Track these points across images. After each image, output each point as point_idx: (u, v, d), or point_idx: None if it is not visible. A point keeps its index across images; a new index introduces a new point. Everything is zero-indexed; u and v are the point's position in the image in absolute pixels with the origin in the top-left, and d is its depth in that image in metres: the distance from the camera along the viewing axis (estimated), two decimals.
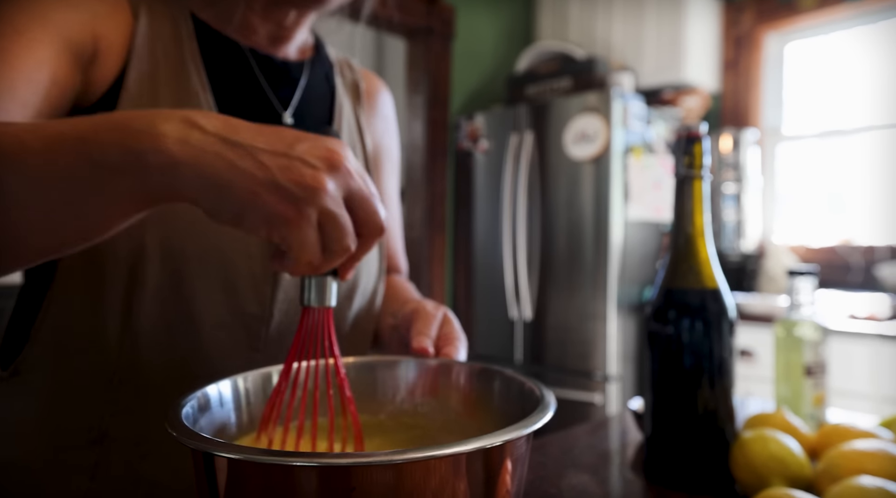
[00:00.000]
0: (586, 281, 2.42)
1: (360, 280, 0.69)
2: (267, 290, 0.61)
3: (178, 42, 0.59)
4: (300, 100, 0.67)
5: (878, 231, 2.62)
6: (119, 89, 0.56)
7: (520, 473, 0.40)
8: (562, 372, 2.49)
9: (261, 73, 0.64)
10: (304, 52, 0.71)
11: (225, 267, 0.59)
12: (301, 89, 0.67)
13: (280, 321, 0.63)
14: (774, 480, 0.57)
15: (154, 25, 0.58)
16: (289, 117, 0.65)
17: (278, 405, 0.46)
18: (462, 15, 3.01)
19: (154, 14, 0.59)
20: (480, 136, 2.79)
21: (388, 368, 0.54)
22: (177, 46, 0.59)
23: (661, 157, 2.48)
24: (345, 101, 0.72)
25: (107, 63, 0.55)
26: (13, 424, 0.59)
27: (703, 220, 0.65)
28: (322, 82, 0.71)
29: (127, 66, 0.56)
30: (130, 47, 0.56)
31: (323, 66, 0.72)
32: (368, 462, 0.32)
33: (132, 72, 0.56)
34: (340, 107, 0.71)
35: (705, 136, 0.65)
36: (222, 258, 0.59)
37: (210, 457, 0.35)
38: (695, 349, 0.62)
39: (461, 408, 0.52)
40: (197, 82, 0.59)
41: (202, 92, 0.59)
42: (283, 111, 0.65)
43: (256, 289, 0.60)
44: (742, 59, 2.92)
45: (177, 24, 0.60)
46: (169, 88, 0.57)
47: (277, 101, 0.65)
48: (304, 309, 0.44)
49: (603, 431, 0.84)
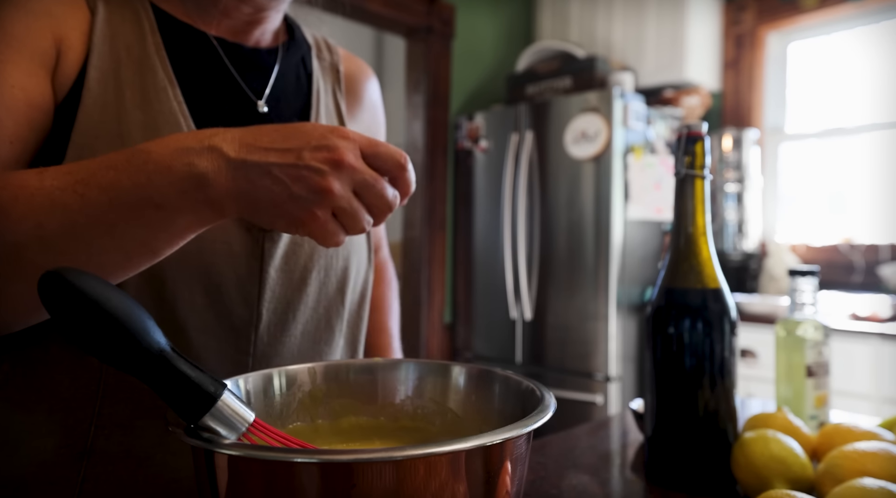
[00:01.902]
0: (587, 281, 2.42)
1: (350, 272, 0.68)
2: (253, 290, 0.59)
3: (141, 36, 0.57)
4: (273, 87, 0.65)
5: (880, 230, 2.62)
6: (80, 90, 0.54)
7: (520, 473, 0.40)
8: (562, 372, 2.49)
9: (230, 63, 0.62)
10: (277, 36, 0.69)
11: (206, 269, 0.57)
12: (274, 76, 0.65)
13: (269, 321, 0.60)
14: (776, 481, 0.56)
15: (113, 20, 0.56)
16: (264, 106, 0.63)
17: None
18: (462, 14, 3.01)
19: (111, 7, 0.56)
20: (480, 136, 2.79)
21: (388, 370, 0.54)
22: (139, 41, 0.57)
23: (662, 156, 2.48)
24: (322, 86, 0.70)
25: (67, 63, 0.54)
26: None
27: (704, 220, 0.65)
28: (297, 67, 0.68)
29: (87, 65, 0.54)
30: (89, 45, 0.54)
31: (298, 50, 0.69)
32: (369, 459, 0.32)
33: (92, 71, 0.54)
34: (318, 92, 0.69)
35: (706, 136, 0.64)
36: (202, 260, 0.56)
37: (210, 454, 0.35)
38: (696, 349, 0.62)
39: (461, 410, 0.52)
40: (164, 77, 0.57)
41: (170, 87, 0.57)
42: (257, 101, 0.63)
43: (242, 290, 0.58)
44: (743, 59, 2.91)
45: (138, 17, 0.57)
46: (134, 87, 0.55)
47: (250, 90, 0.63)
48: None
49: (603, 432, 0.84)
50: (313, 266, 0.63)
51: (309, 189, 0.42)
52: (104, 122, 0.53)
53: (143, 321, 0.36)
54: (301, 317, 0.63)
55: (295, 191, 0.42)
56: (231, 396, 0.38)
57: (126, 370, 0.36)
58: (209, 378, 0.37)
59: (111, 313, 0.35)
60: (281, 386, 0.50)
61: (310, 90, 0.68)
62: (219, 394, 0.37)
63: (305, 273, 0.62)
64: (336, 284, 0.65)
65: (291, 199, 0.42)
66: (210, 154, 0.42)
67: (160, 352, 0.36)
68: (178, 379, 0.36)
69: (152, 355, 0.36)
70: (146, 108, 0.55)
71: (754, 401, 0.97)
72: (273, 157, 0.42)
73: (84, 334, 0.35)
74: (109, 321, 0.35)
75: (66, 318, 0.35)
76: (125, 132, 0.54)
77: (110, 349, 0.35)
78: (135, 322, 0.36)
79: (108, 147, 0.52)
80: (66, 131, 0.53)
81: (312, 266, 0.63)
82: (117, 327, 0.35)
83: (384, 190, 0.44)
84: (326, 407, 0.52)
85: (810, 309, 0.77)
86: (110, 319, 0.35)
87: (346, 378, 0.53)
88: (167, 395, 0.37)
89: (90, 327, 0.35)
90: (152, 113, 0.55)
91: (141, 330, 0.36)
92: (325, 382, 0.52)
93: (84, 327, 0.35)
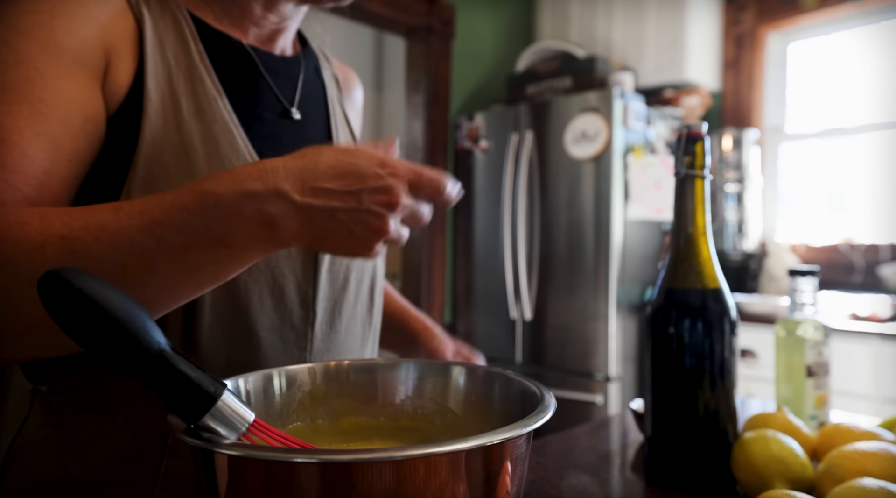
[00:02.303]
0: (587, 281, 2.42)
1: (377, 273, 0.72)
2: (309, 291, 0.63)
3: (184, 44, 0.58)
4: (301, 94, 0.68)
5: (880, 230, 2.62)
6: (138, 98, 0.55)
7: (520, 473, 0.40)
8: (562, 372, 2.49)
9: (266, 71, 0.64)
10: (294, 46, 0.72)
11: (272, 271, 0.60)
12: (301, 83, 0.68)
13: (322, 320, 0.65)
14: (776, 481, 0.56)
15: (158, 28, 0.57)
16: (297, 113, 0.66)
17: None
18: (462, 14, 3.01)
19: (154, 14, 0.57)
20: (480, 136, 2.79)
21: (388, 370, 0.54)
22: (184, 49, 0.58)
23: (662, 156, 2.48)
24: (333, 95, 0.74)
25: (118, 72, 0.54)
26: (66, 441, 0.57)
27: (704, 220, 0.65)
28: (314, 76, 0.72)
29: (144, 75, 0.55)
30: (141, 53, 0.55)
31: (313, 60, 0.73)
32: (369, 459, 0.32)
33: (150, 81, 0.55)
34: (332, 100, 0.73)
35: (706, 136, 0.64)
36: (268, 263, 0.60)
37: (210, 454, 0.35)
38: (696, 350, 0.62)
39: (461, 410, 0.52)
40: (212, 87, 0.58)
41: (219, 97, 0.58)
42: (290, 108, 0.66)
43: (300, 290, 0.62)
44: (743, 59, 2.91)
45: (178, 25, 0.59)
46: (188, 97, 0.57)
47: (282, 96, 0.66)
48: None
49: (603, 432, 0.84)
50: (352, 268, 0.68)
51: (368, 229, 0.46)
52: (167, 133, 0.54)
53: (143, 321, 0.36)
54: (345, 314, 0.67)
55: (356, 232, 0.46)
56: (231, 396, 0.38)
57: (126, 371, 0.36)
58: (209, 378, 0.37)
59: (111, 313, 0.35)
60: (281, 386, 0.50)
61: (325, 97, 0.72)
62: (219, 394, 0.37)
63: (347, 273, 0.67)
64: (368, 284, 0.71)
65: (352, 237, 0.46)
66: (277, 199, 0.44)
67: (160, 352, 0.36)
68: (178, 379, 0.36)
69: (152, 355, 0.36)
70: (201, 117, 0.57)
71: (754, 401, 0.97)
72: (336, 202, 0.45)
73: (84, 334, 0.35)
74: (109, 321, 0.35)
75: (66, 318, 0.35)
76: (186, 142, 0.55)
77: (110, 349, 0.36)
78: (135, 322, 0.36)
79: (173, 159, 0.54)
80: (128, 143, 0.54)
81: (352, 268, 0.68)
82: (117, 327, 0.35)
83: (424, 215, 0.49)
84: (326, 407, 0.52)
85: (810, 309, 0.77)
86: (110, 319, 0.35)
87: (346, 378, 0.53)
88: (167, 395, 0.37)
89: (90, 327, 0.35)
90: (207, 122, 0.57)
91: (141, 330, 0.36)
92: (325, 382, 0.52)
93: (84, 327, 0.35)
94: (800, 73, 2.91)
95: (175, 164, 0.54)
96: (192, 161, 0.55)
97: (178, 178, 0.54)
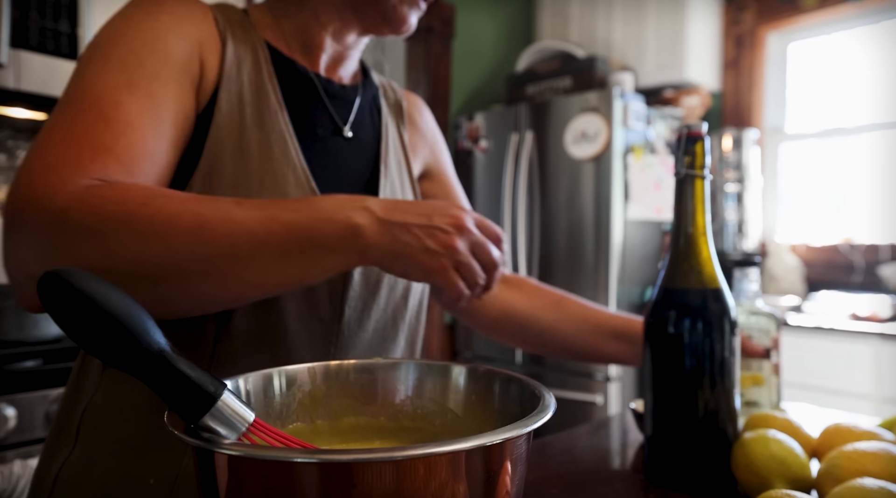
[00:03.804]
0: (587, 281, 2.42)
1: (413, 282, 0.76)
2: (338, 288, 0.68)
3: (257, 65, 0.68)
4: (355, 117, 0.76)
5: (880, 230, 2.62)
6: (213, 106, 0.64)
7: (520, 473, 0.40)
8: (562, 372, 2.49)
9: (325, 94, 0.73)
10: (356, 77, 0.81)
11: None
12: (356, 108, 0.77)
13: (350, 317, 0.69)
14: (776, 481, 0.56)
15: (239, 51, 0.67)
16: (349, 132, 0.75)
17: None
18: (462, 14, 3.01)
19: (237, 41, 0.67)
20: (480, 136, 2.79)
21: (388, 370, 0.54)
22: (256, 70, 0.67)
23: (662, 156, 2.48)
24: (389, 120, 0.83)
25: (205, 83, 0.64)
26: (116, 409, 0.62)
27: (704, 220, 0.65)
28: (371, 103, 0.81)
29: (219, 87, 0.65)
30: (221, 71, 0.65)
31: (371, 89, 0.82)
32: (369, 459, 0.32)
33: (223, 92, 0.64)
34: (386, 126, 0.81)
35: (706, 136, 0.64)
36: None
37: (210, 454, 0.35)
38: (696, 349, 0.62)
39: (461, 410, 0.52)
40: (275, 102, 0.67)
41: (280, 111, 0.67)
42: (343, 127, 0.74)
43: (330, 287, 0.67)
44: (743, 59, 2.91)
45: (255, 50, 0.68)
46: (252, 108, 0.66)
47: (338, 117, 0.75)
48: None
49: (603, 432, 0.84)
50: (385, 273, 0.71)
51: (438, 243, 0.53)
52: (230, 137, 0.63)
53: (143, 321, 0.36)
54: (374, 315, 0.72)
55: (428, 245, 0.53)
56: (231, 396, 0.38)
57: (126, 370, 0.36)
58: (209, 378, 0.37)
59: (111, 313, 0.35)
60: (281, 386, 0.50)
61: (380, 123, 0.81)
62: (219, 394, 0.37)
63: (380, 277, 0.71)
64: (402, 290, 0.75)
65: (424, 251, 0.53)
66: (364, 212, 0.53)
67: (160, 352, 0.36)
68: (178, 379, 0.36)
69: (152, 355, 0.36)
70: (262, 127, 0.65)
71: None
72: (411, 219, 0.54)
73: (84, 334, 0.35)
74: (109, 321, 0.35)
75: (66, 318, 0.35)
76: (245, 146, 0.64)
77: (110, 349, 0.36)
78: (135, 322, 0.36)
79: (231, 159, 0.63)
80: (198, 142, 0.63)
81: (385, 273, 0.71)
82: (117, 327, 0.35)
83: (492, 250, 0.56)
84: (326, 407, 0.52)
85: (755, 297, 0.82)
86: (110, 319, 0.35)
87: (346, 378, 0.53)
88: (167, 395, 0.37)
89: (90, 327, 0.35)
90: (266, 131, 0.65)
91: (141, 330, 0.36)
92: (325, 383, 0.52)
93: (84, 327, 0.35)
94: (800, 73, 2.91)
95: (232, 163, 0.62)
96: (247, 162, 0.63)
97: (233, 177, 0.62)
